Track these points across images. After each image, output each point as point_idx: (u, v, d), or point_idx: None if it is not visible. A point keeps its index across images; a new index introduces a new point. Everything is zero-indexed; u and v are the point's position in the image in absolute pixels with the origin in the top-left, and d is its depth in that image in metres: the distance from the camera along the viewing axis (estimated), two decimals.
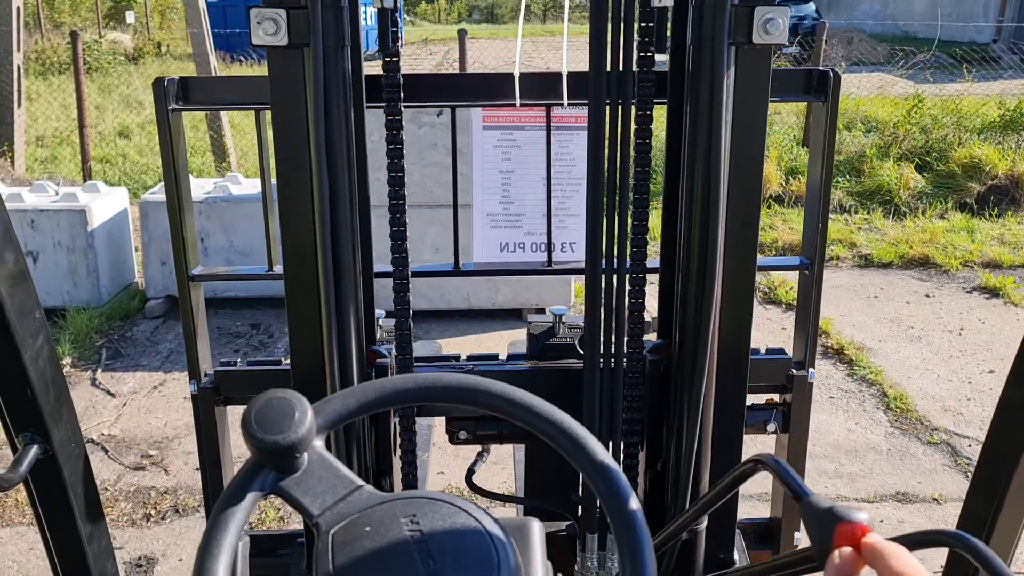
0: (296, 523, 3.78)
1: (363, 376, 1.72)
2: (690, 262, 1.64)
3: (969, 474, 4.10)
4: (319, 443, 0.93)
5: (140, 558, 3.53)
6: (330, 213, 1.56)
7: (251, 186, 6.12)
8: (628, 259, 1.70)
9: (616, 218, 1.66)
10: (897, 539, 1.00)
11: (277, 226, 1.76)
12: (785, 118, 10.33)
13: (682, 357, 1.69)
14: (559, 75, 1.79)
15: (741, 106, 1.58)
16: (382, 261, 1.77)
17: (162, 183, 6.07)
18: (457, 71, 9.34)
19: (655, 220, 1.90)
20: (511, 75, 1.79)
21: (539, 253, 1.96)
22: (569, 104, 1.81)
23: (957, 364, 5.28)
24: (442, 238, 5.57)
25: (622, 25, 1.57)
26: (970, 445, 4.35)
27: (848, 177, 8.63)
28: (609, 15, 1.56)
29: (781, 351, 1.99)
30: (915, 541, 1.01)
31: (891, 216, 7.96)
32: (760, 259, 1.79)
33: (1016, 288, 6.40)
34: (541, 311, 5.54)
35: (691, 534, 1.78)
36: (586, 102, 1.62)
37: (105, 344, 5.52)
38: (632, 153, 1.66)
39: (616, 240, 1.66)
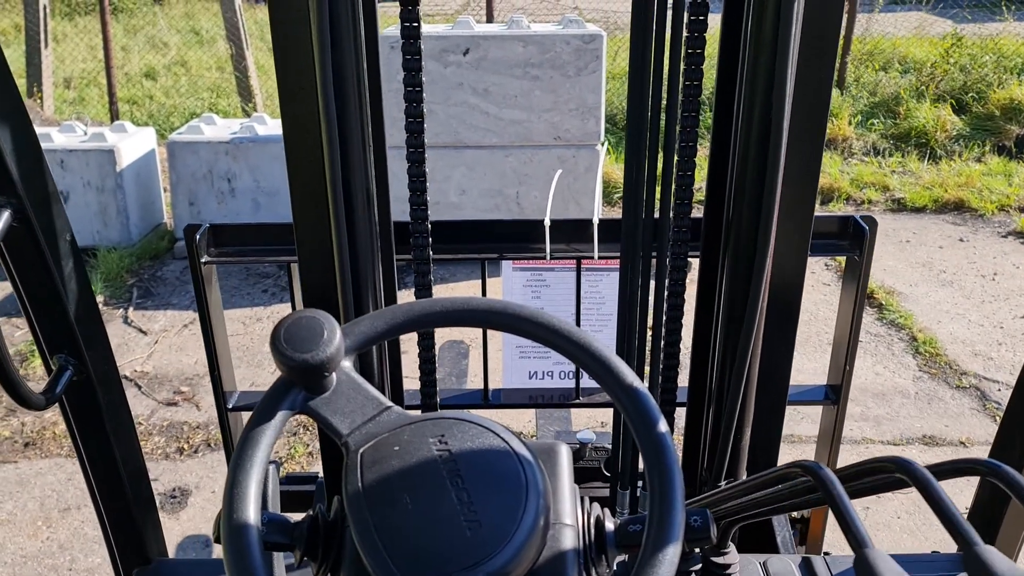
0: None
1: None
2: (741, 207, 1.48)
3: (998, 418, 4.07)
4: (348, 364, 0.93)
5: (174, 489, 3.61)
6: (340, 150, 1.41)
7: (277, 127, 6.10)
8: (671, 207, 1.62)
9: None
10: (929, 467, 0.99)
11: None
12: None
13: (732, 298, 1.58)
14: (589, 222, 1.79)
15: (811, 19, 1.39)
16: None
17: (189, 123, 6.08)
18: (484, 9, 9.16)
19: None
20: (541, 222, 1.79)
21: (567, 380, 1.99)
22: (600, 256, 1.83)
23: (989, 309, 5.20)
24: (468, 180, 5.53)
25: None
26: (999, 389, 4.31)
27: (883, 119, 8.43)
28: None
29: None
30: (947, 470, 1.00)
31: (926, 159, 7.78)
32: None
33: None
34: None
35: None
36: (617, 254, 1.59)
37: (136, 283, 5.59)
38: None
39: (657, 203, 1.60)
